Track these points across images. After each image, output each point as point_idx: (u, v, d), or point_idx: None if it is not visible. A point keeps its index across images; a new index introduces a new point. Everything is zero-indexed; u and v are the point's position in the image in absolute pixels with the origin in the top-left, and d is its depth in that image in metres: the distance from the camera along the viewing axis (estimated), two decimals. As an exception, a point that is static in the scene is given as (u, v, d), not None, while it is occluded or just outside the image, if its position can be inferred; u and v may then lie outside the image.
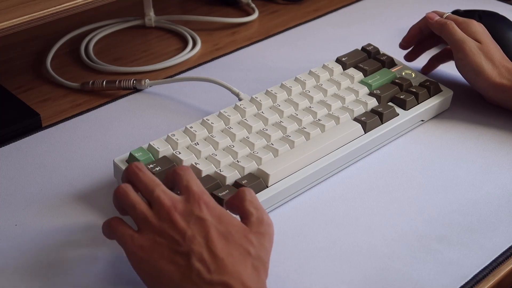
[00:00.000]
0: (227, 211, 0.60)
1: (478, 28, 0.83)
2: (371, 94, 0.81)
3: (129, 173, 0.60)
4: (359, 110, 0.78)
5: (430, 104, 0.81)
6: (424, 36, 0.88)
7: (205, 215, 0.57)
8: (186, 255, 0.55)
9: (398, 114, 0.79)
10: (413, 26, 0.88)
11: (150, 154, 0.69)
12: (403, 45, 0.89)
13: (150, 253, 0.56)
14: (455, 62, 0.83)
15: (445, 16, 0.86)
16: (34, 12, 0.70)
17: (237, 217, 0.59)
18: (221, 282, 0.54)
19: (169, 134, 0.71)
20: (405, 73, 0.85)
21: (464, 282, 0.62)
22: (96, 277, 0.61)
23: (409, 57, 0.90)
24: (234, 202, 0.60)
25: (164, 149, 0.70)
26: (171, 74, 0.91)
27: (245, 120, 0.74)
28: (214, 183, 0.66)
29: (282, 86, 0.80)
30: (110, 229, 0.59)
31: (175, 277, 0.55)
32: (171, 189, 0.60)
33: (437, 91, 0.83)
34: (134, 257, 0.57)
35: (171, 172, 0.61)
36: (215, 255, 0.55)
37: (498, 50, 0.82)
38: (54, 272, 0.62)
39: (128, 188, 0.59)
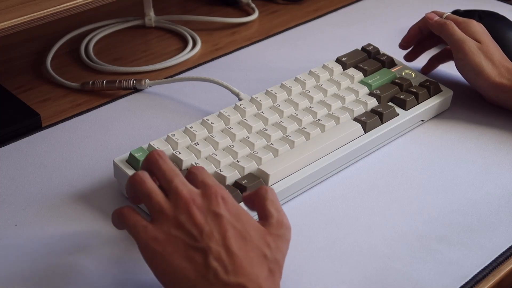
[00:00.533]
0: (244, 208, 0.58)
1: (478, 28, 0.83)
2: (371, 94, 0.81)
3: (149, 160, 0.59)
4: (359, 110, 0.78)
5: (430, 104, 0.81)
6: (423, 36, 0.88)
7: (223, 212, 0.56)
8: (202, 251, 0.54)
9: (398, 114, 0.79)
10: (413, 26, 0.88)
11: (150, 154, 0.69)
12: (402, 45, 0.89)
13: (164, 246, 0.54)
14: (455, 62, 0.83)
15: (444, 16, 0.86)
16: (34, 12, 0.70)
17: (251, 213, 0.58)
18: (238, 284, 0.53)
19: (169, 134, 0.71)
20: (405, 73, 0.85)
21: (464, 282, 0.62)
22: (96, 277, 0.61)
23: (409, 57, 0.90)
24: (254, 200, 0.59)
25: (164, 149, 0.70)
26: (171, 74, 0.91)
27: (245, 120, 0.74)
28: (214, 183, 0.66)
29: (282, 86, 0.80)
30: (121, 218, 0.57)
31: (191, 275, 0.53)
32: None
33: (437, 91, 0.83)
34: (147, 249, 0.55)
35: (187, 173, 0.59)
36: (233, 255, 0.54)
37: (498, 50, 0.82)
38: (54, 272, 0.62)
39: (145, 175, 0.57)
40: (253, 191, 0.60)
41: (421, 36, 0.88)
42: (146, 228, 0.55)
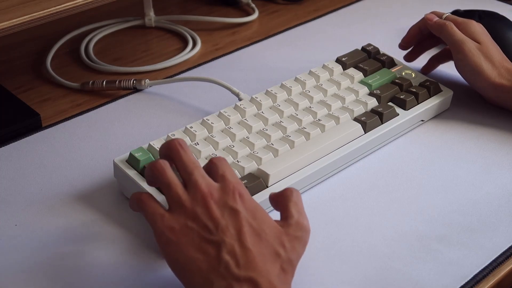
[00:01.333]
0: (260, 206, 0.59)
1: (478, 28, 0.83)
2: (371, 94, 0.81)
3: (170, 149, 0.59)
4: (359, 110, 0.78)
5: (430, 104, 0.81)
6: (423, 36, 0.88)
7: (239, 207, 0.56)
8: (216, 245, 0.54)
9: (398, 114, 0.79)
10: (413, 26, 0.88)
11: (150, 154, 0.69)
12: (402, 46, 0.89)
13: (179, 236, 0.55)
14: (454, 63, 0.83)
15: (444, 16, 0.86)
16: (34, 12, 0.70)
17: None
18: (249, 278, 0.53)
19: (169, 134, 0.71)
20: (405, 73, 0.85)
21: (464, 282, 0.62)
22: (96, 277, 0.61)
23: (409, 58, 0.90)
24: (278, 200, 0.60)
25: (164, 149, 0.70)
26: (171, 74, 0.91)
27: (245, 120, 0.74)
28: (214, 183, 0.66)
29: (282, 86, 0.80)
30: (140, 204, 0.58)
31: (203, 266, 0.54)
32: None
33: (437, 91, 0.83)
34: (163, 237, 0.56)
35: (207, 162, 0.60)
36: (246, 250, 0.54)
37: (498, 50, 0.82)
38: (54, 272, 0.62)
39: (166, 165, 0.58)
40: (280, 191, 0.61)
41: (421, 37, 0.88)
42: (163, 217, 0.56)
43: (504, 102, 0.82)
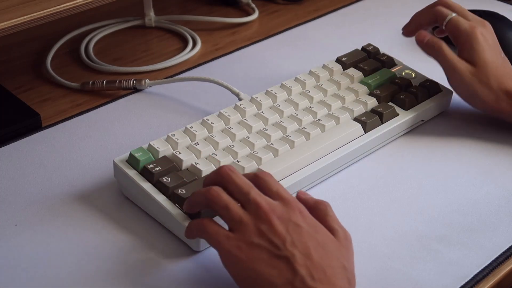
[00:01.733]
0: (317, 220, 0.60)
1: (478, 45, 0.78)
2: (371, 94, 0.81)
3: (222, 175, 0.60)
4: (359, 110, 0.78)
5: (430, 104, 0.81)
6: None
7: (302, 223, 0.57)
8: (286, 259, 0.55)
9: (398, 114, 0.79)
10: (416, 20, 0.84)
11: (150, 154, 0.69)
12: (406, 33, 0.86)
13: (248, 254, 0.56)
14: (449, 84, 0.81)
15: (449, 17, 0.81)
16: (34, 12, 0.70)
17: None
18: None
19: (169, 134, 0.71)
20: (405, 73, 0.85)
21: (464, 282, 0.62)
22: (96, 277, 0.61)
23: (407, 32, 0.85)
24: (312, 212, 0.61)
25: (164, 149, 0.70)
26: (171, 74, 0.91)
27: (245, 120, 0.74)
28: (214, 183, 0.66)
29: (282, 86, 0.80)
30: (201, 229, 0.58)
31: (277, 281, 0.54)
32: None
33: (437, 91, 0.83)
34: (230, 256, 0.56)
35: (252, 176, 0.60)
36: (316, 263, 0.55)
37: (496, 70, 0.77)
38: (54, 271, 0.62)
39: (220, 189, 0.59)
40: (310, 202, 0.61)
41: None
42: (229, 237, 0.57)
43: (506, 119, 0.79)
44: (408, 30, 0.84)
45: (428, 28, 0.85)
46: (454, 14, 0.81)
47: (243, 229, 0.57)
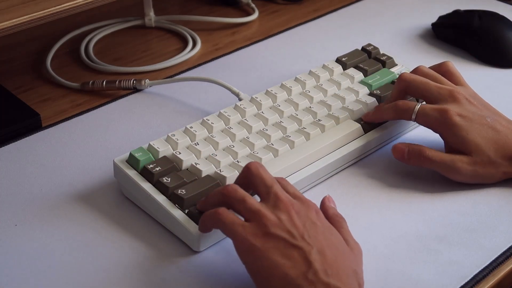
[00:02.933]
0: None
1: (458, 122, 0.70)
2: (371, 94, 0.81)
3: (250, 166, 0.61)
4: (359, 110, 0.78)
5: (430, 104, 0.81)
6: None
7: (318, 222, 0.58)
8: (302, 250, 0.55)
9: (398, 114, 0.79)
10: (379, 118, 0.76)
11: (150, 154, 0.69)
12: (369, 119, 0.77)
13: (263, 242, 0.56)
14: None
15: (415, 110, 0.72)
16: (34, 12, 0.70)
17: None
18: (337, 287, 0.54)
19: (169, 134, 0.71)
20: (405, 73, 0.85)
21: (464, 282, 0.62)
22: (96, 277, 0.61)
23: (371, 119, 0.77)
24: (329, 221, 0.62)
25: (164, 149, 0.70)
26: (171, 74, 0.91)
27: (245, 120, 0.74)
28: (214, 183, 0.66)
29: (282, 86, 0.80)
30: (217, 217, 0.58)
31: (290, 272, 0.55)
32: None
33: (437, 91, 0.83)
34: (245, 245, 0.56)
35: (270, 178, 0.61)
36: (330, 261, 0.56)
37: (491, 143, 0.70)
38: (54, 271, 0.62)
39: (237, 186, 0.60)
40: (329, 211, 0.63)
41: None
42: (244, 226, 0.57)
43: None
44: (371, 121, 0.76)
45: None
46: (418, 106, 0.72)
47: (260, 218, 0.57)
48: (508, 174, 0.72)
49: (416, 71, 0.76)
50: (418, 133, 0.81)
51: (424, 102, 0.74)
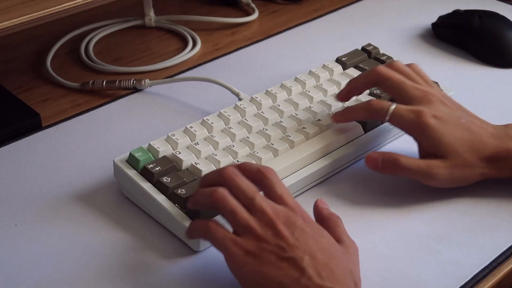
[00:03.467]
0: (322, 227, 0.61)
1: (433, 124, 0.69)
2: (371, 94, 0.81)
3: (225, 178, 0.59)
4: (359, 110, 0.78)
5: (430, 104, 0.81)
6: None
7: (306, 228, 0.58)
8: (293, 260, 0.55)
9: (398, 114, 0.79)
10: (350, 118, 0.74)
11: (150, 154, 0.69)
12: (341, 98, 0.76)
13: (255, 257, 0.56)
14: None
15: (389, 112, 0.70)
16: (34, 12, 0.70)
17: None
18: None
19: (169, 134, 0.71)
20: (405, 73, 0.85)
21: (464, 282, 0.62)
22: (96, 277, 0.61)
23: (342, 98, 0.76)
24: (324, 222, 0.62)
25: (164, 149, 0.70)
26: (171, 74, 0.91)
27: (245, 120, 0.74)
28: (214, 183, 0.66)
29: (282, 86, 0.80)
30: (207, 231, 0.58)
31: (285, 280, 0.55)
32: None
33: (437, 91, 0.83)
34: (237, 260, 0.56)
35: (255, 171, 0.60)
36: (323, 264, 0.56)
37: (467, 145, 0.69)
38: (54, 271, 0.62)
39: (226, 192, 0.58)
40: (324, 212, 0.63)
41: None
42: (235, 241, 0.57)
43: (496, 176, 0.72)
44: (339, 121, 0.74)
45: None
46: (392, 107, 0.70)
47: (250, 233, 0.57)
48: (484, 175, 0.70)
49: (391, 66, 0.73)
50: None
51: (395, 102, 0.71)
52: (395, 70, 0.73)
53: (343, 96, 0.75)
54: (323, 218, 0.62)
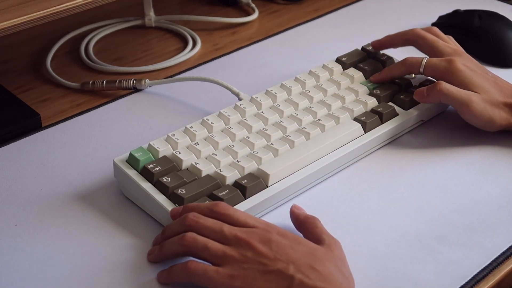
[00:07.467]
0: (300, 235, 0.62)
1: (463, 69, 0.77)
2: (371, 94, 0.81)
3: (190, 223, 0.60)
4: (359, 110, 0.78)
5: (430, 104, 0.81)
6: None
7: (283, 240, 0.58)
8: (279, 272, 0.56)
9: (398, 114, 0.79)
10: (388, 75, 0.82)
11: (150, 154, 0.69)
12: (376, 47, 0.86)
13: (242, 278, 0.56)
14: (464, 118, 0.78)
15: (422, 63, 0.79)
16: (34, 12, 0.70)
17: None
18: None
19: (169, 134, 0.71)
20: (405, 73, 0.85)
21: (464, 282, 0.62)
22: (96, 277, 0.61)
23: (379, 46, 0.86)
24: (301, 225, 0.64)
25: (164, 149, 0.70)
26: (171, 74, 0.91)
27: (245, 120, 0.74)
28: (214, 183, 0.67)
29: (282, 86, 0.80)
30: (188, 271, 0.59)
31: None
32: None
33: (437, 91, 0.83)
34: (225, 287, 0.57)
35: (209, 212, 0.61)
36: (309, 267, 0.56)
37: (494, 90, 0.77)
38: (54, 271, 0.62)
39: (194, 234, 0.59)
40: (301, 216, 0.64)
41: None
42: (217, 271, 0.58)
43: None
44: (379, 80, 0.82)
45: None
46: (425, 59, 0.79)
47: (230, 260, 0.57)
48: (508, 122, 0.76)
49: (428, 29, 0.82)
50: (417, 133, 0.81)
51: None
52: (430, 33, 0.82)
53: (378, 42, 0.85)
54: (300, 222, 0.64)
